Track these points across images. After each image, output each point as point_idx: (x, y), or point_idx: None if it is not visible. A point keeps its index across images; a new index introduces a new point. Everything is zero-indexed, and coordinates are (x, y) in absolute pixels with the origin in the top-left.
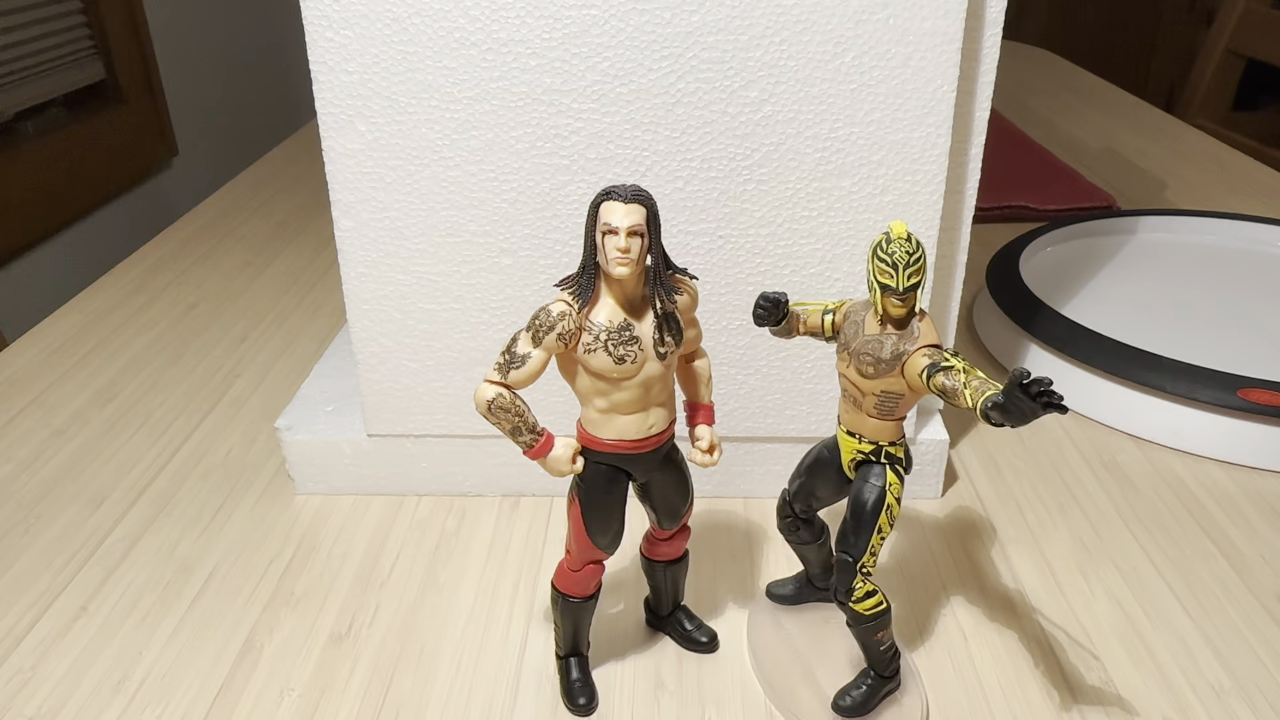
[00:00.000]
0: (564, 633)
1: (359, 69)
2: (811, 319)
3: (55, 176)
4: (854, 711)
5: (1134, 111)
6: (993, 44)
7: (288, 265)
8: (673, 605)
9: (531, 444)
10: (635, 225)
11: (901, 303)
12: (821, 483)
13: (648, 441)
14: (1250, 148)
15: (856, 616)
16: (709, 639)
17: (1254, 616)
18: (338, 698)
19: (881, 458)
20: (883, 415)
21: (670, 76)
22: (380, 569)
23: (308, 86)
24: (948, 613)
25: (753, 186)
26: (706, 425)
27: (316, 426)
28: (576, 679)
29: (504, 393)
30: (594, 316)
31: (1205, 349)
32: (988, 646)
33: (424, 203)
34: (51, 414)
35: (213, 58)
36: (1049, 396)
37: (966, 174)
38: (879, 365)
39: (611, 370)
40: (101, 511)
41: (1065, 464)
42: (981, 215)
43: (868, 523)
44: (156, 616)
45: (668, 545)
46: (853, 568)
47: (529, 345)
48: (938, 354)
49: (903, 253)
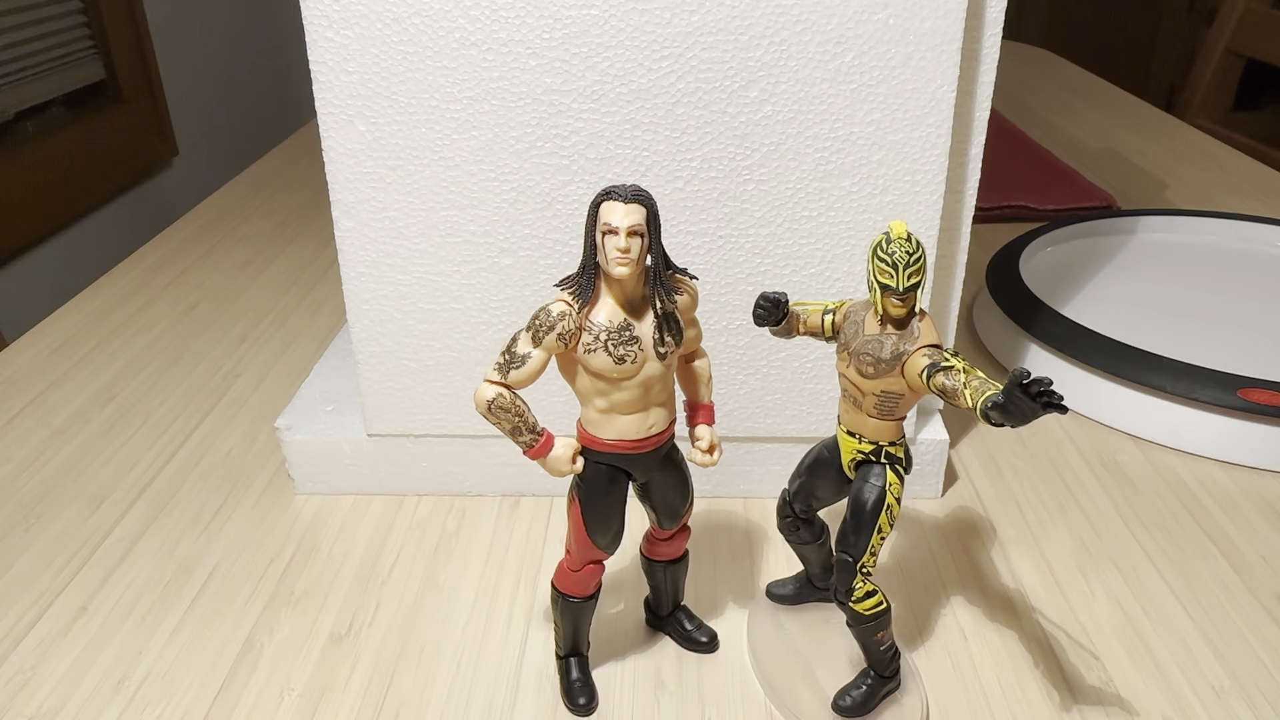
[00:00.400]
0: (564, 633)
1: (359, 69)
2: (811, 319)
3: (55, 176)
4: (854, 711)
5: (1134, 111)
6: (993, 44)
7: (288, 265)
8: (673, 605)
9: (531, 444)
10: (635, 225)
11: (902, 303)
12: (821, 483)
13: (648, 441)
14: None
15: (856, 616)
16: (709, 639)
17: (1254, 616)
18: (338, 698)
19: (881, 458)
20: (883, 415)
21: (670, 76)
22: (380, 569)
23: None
24: (948, 613)
25: (753, 186)
26: (706, 425)
27: (316, 426)
28: (576, 679)
29: (504, 393)
30: (594, 316)
31: (1205, 349)
32: (988, 646)
33: (424, 203)
34: (51, 414)
35: (213, 58)
36: (1049, 396)
37: (966, 174)
38: (879, 365)
39: (611, 370)
40: (101, 511)
41: (1065, 464)
42: (981, 215)
43: (868, 523)
44: (156, 616)
45: (668, 545)
46: (853, 568)
47: (529, 345)
48: (938, 354)
49: (903, 253)
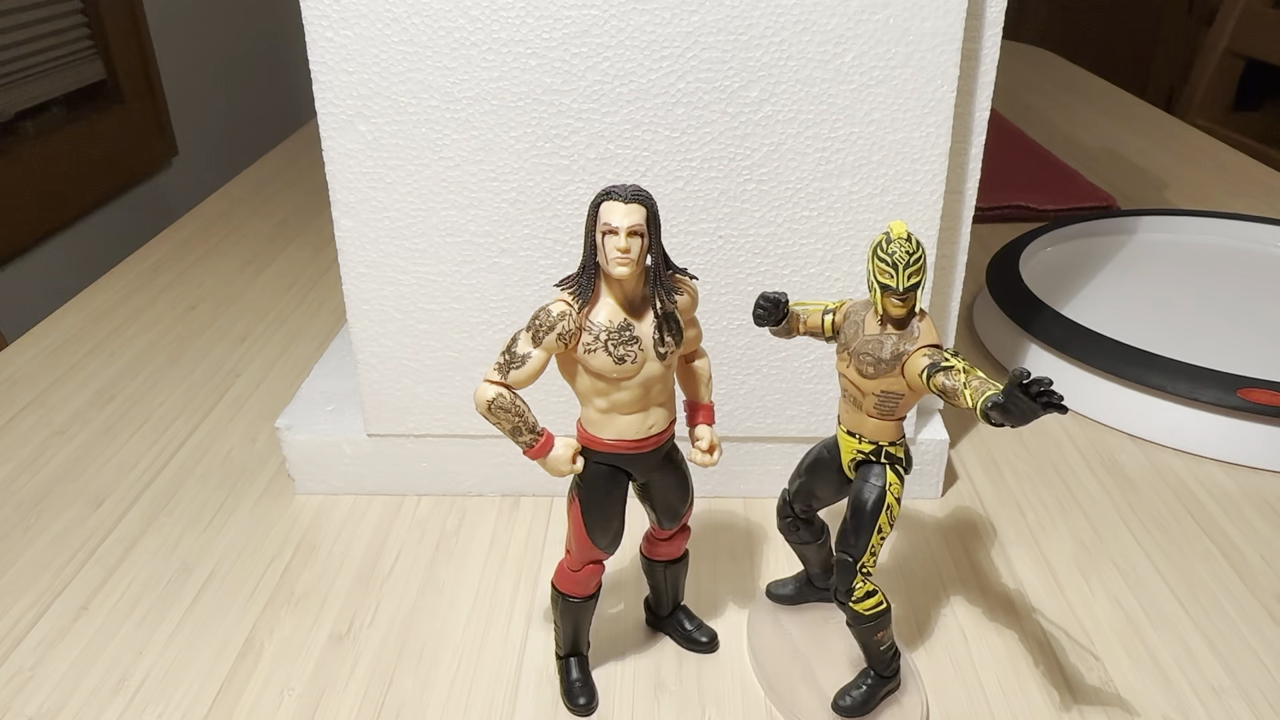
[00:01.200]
0: (564, 633)
1: (359, 69)
2: (811, 319)
3: (55, 176)
4: (854, 711)
5: (1134, 111)
6: (993, 44)
7: (288, 265)
8: (673, 605)
9: (532, 444)
10: (635, 225)
11: (902, 303)
12: (821, 483)
13: (648, 441)
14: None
15: (856, 616)
16: (709, 639)
17: (1254, 616)
18: (338, 698)
19: (882, 458)
20: (883, 415)
21: (670, 76)
22: (380, 569)
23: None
24: (948, 613)
25: (753, 186)
26: (707, 425)
27: (316, 426)
28: (576, 679)
29: (504, 393)
30: (594, 316)
31: (1205, 349)
32: (988, 646)
33: (424, 203)
34: (51, 414)
35: (213, 58)
36: (1049, 396)
37: (966, 174)
38: (879, 365)
39: (611, 370)
40: (101, 511)
41: (1065, 464)
42: (981, 215)
43: (868, 523)
44: (156, 616)
45: (668, 545)
46: (853, 568)
47: (529, 345)
48: (938, 354)
49: (903, 253)
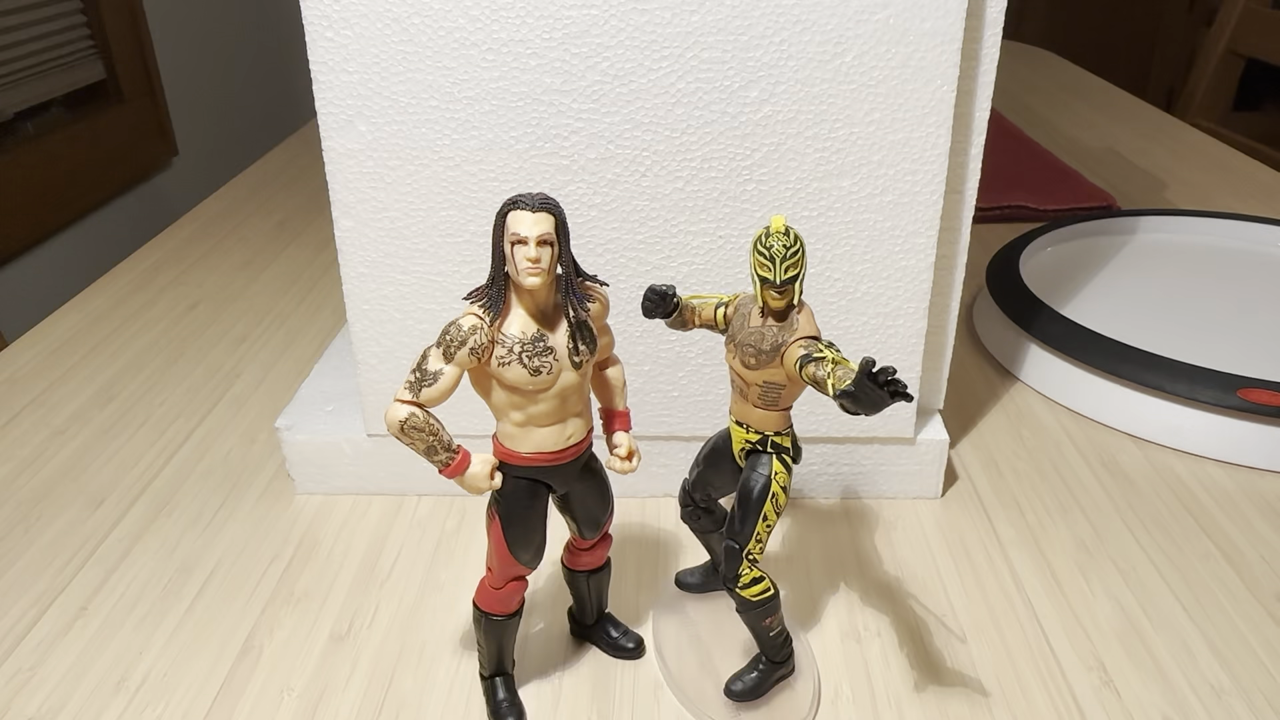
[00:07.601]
0: (488, 652)
1: (359, 69)
2: (705, 312)
3: (55, 176)
4: (745, 696)
5: (1134, 111)
6: (993, 44)
7: (288, 265)
8: (597, 614)
9: (448, 462)
10: (544, 234)
11: (780, 295)
12: (718, 472)
13: (567, 453)
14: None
15: (744, 603)
16: (635, 644)
17: (1254, 616)
18: (338, 698)
19: (768, 447)
20: (767, 405)
21: (670, 76)
22: (380, 569)
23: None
24: (948, 613)
25: (753, 186)
26: (624, 432)
27: (316, 426)
28: (503, 699)
29: (417, 412)
30: (506, 329)
31: (1205, 349)
32: (988, 646)
33: (424, 203)
34: (51, 414)
35: (213, 58)
36: (895, 385)
37: (966, 174)
38: (760, 356)
39: (527, 383)
40: (101, 511)
41: (1065, 464)
42: (981, 215)
43: (753, 511)
44: (156, 616)
45: (590, 555)
46: (739, 554)
47: (440, 362)
48: (813, 345)
49: (780, 246)
